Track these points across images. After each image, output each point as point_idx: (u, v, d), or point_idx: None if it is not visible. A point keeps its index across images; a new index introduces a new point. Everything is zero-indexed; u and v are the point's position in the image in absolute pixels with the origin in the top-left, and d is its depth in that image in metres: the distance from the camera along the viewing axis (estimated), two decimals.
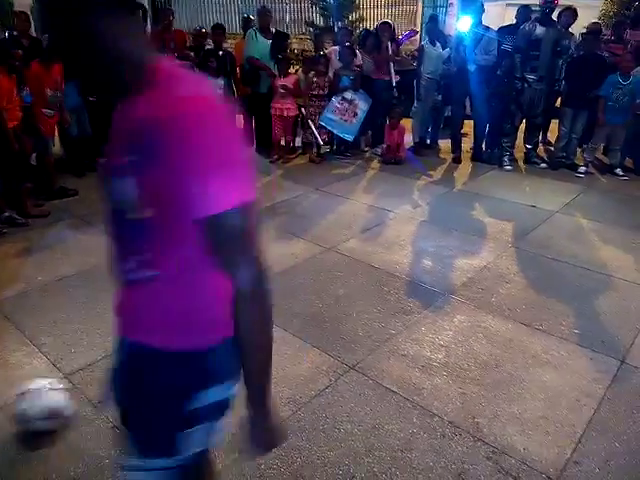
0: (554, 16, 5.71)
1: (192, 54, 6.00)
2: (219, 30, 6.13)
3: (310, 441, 2.13)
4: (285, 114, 5.95)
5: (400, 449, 2.11)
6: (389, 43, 6.04)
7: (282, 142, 6.19)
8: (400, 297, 3.25)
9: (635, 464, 2.06)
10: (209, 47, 6.17)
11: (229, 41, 7.85)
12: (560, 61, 5.66)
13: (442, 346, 2.76)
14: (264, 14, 6.17)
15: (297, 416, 2.26)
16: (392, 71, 6.04)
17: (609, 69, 5.44)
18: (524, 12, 5.98)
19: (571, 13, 5.76)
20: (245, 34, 6.41)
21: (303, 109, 6.03)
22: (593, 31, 5.72)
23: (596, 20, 6.08)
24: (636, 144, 5.71)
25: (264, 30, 6.09)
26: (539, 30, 5.51)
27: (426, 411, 2.31)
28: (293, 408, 2.31)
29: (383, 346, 2.76)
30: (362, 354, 2.69)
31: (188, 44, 6.42)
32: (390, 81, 6.06)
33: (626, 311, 3.13)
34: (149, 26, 8.90)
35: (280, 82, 5.88)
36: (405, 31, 7.55)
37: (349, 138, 6.12)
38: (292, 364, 2.60)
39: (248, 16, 6.97)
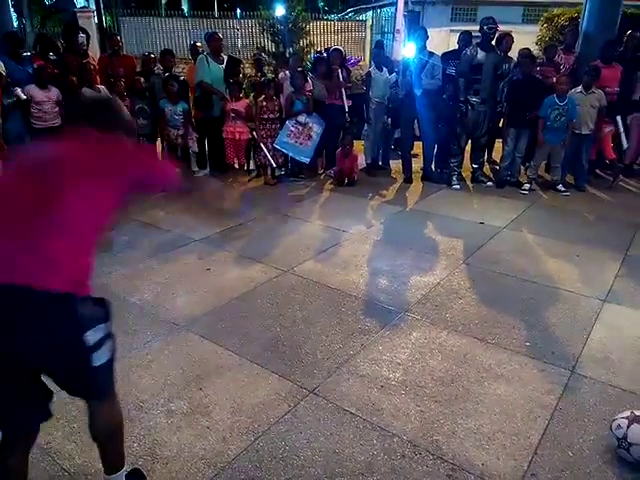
0: (494, 42, 6.01)
1: (142, 79, 5.94)
2: (168, 55, 6.11)
3: (269, 471, 2.08)
4: (237, 137, 5.96)
5: (361, 473, 2.09)
6: (340, 69, 6.18)
7: (236, 165, 6.18)
8: (357, 317, 3.26)
9: (589, 472, 2.12)
10: (159, 71, 6.14)
11: (181, 66, 7.84)
12: (501, 84, 5.93)
13: (399, 364, 2.78)
14: (215, 40, 6.20)
15: (255, 446, 2.21)
16: (344, 96, 6.16)
17: (546, 91, 5.74)
18: (465, 38, 6.25)
19: (509, 39, 6.08)
20: (195, 60, 6.42)
21: (255, 132, 6.05)
22: (528, 55, 6.04)
23: (526, 46, 6.41)
24: (576, 161, 6.03)
25: (215, 55, 6.11)
26: (480, 55, 5.77)
27: (386, 432, 2.30)
28: (251, 438, 2.25)
29: (342, 368, 2.75)
30: (321, 377, 2.67)
31: (137, 69, 6.36)
32: (342, 106, 6.18)
33: (573, 321, 3.25)
34: (97, 52, 8.79)
35: (231, 106, 5.90)
36: (355, 56, 7.72)
37: (305, 160, 6.18)
38: (250, 391, 2.55)
39: (194, 42, 6.98)
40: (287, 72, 6.38)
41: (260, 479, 2.05)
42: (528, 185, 5.96)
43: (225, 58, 6.20)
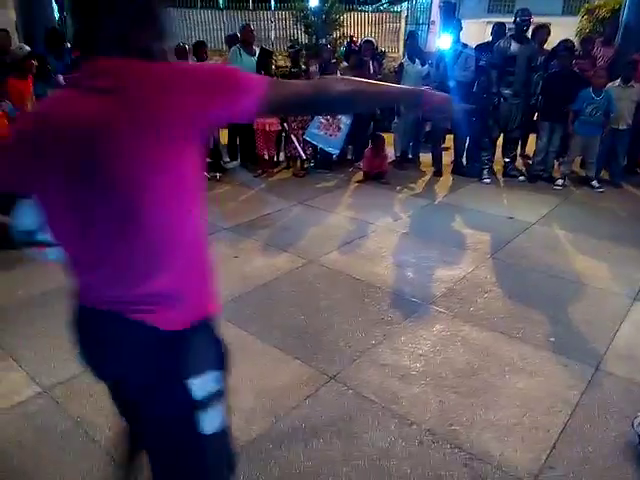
0: (530, 34, 5.90)
1: None
2: (201, 47, 6.22)
3: (289, 451, 2.15)
4: (267, 129, 6.02)
5: (378, 457, 2.13)
6: (371, 61, 6.16)
7: (265, 156, 6.25)
8: (381, 308, 3.29)
9: (608, 468, 2.11)
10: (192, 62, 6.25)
11: (215, 58, 7.96)
12: (535, 76, 5.81)
13: (421, 355, 2.80)
14: (247, 31, 6.28)
15: (277, 427, 2.28)
16: None
17: (583, 84, 5.60)
18: (499, 29, 6.14)
19: (545, 30, 5.95)
20: (229, 50, 6.51)
21: (285, 124, 6.10)
22: (567, 47, 5.89)
23: (567, 37, 6.25)
24: (611, 157, 5.87)
25: (248, 47, 6.19)
26: (514, 47, 5.66)
27: (404, 419, 2.34)
28: (273, 419, 2.32)
29: (363, 356, 2.79)
30: (343, 364, 2.72)
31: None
32: None
33: (600, 319, 3.20)
34: None
35: None
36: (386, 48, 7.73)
37: (335, 152, 6.19)
38: (272, 375, 2.62)
39: (235, 33, 7.08)
40: (316, 65, 6.40)
41: (279, 458, 2.11)
42: (561, 180, 5.84)
43: (257, 50, 6.27)
